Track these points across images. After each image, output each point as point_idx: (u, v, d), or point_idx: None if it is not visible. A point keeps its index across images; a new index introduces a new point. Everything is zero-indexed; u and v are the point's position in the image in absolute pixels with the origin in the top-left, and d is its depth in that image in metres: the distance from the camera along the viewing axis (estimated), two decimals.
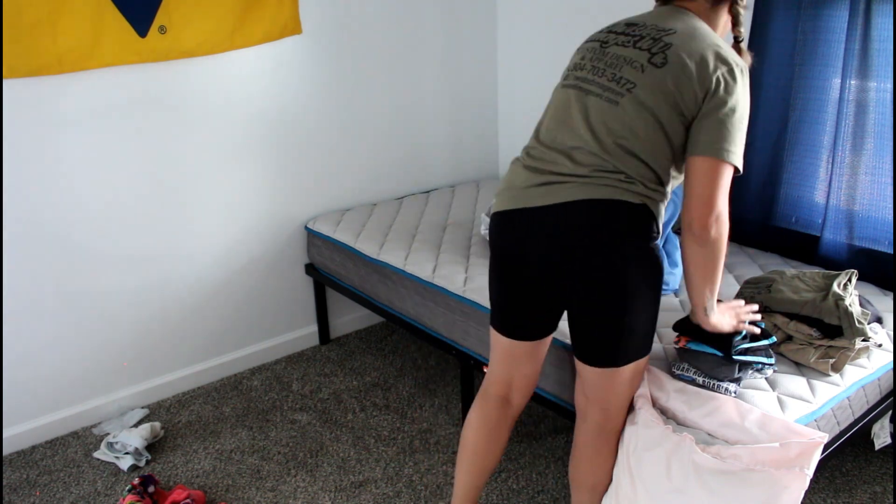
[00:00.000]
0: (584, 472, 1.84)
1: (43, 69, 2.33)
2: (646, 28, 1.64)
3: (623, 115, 1.57)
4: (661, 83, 1.55)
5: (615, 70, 1.61)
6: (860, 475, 2.35)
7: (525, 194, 1.64)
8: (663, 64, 1.56)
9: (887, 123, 2.26)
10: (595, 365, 1.71)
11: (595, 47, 1.68)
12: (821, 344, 1.88)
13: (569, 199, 1.58)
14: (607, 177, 1.57)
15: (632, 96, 1.57)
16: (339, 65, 3.04)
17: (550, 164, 1.63)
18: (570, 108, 1.64)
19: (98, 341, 2.71)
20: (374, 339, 3.36)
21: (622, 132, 1.57)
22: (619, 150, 1.57)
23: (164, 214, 2.73)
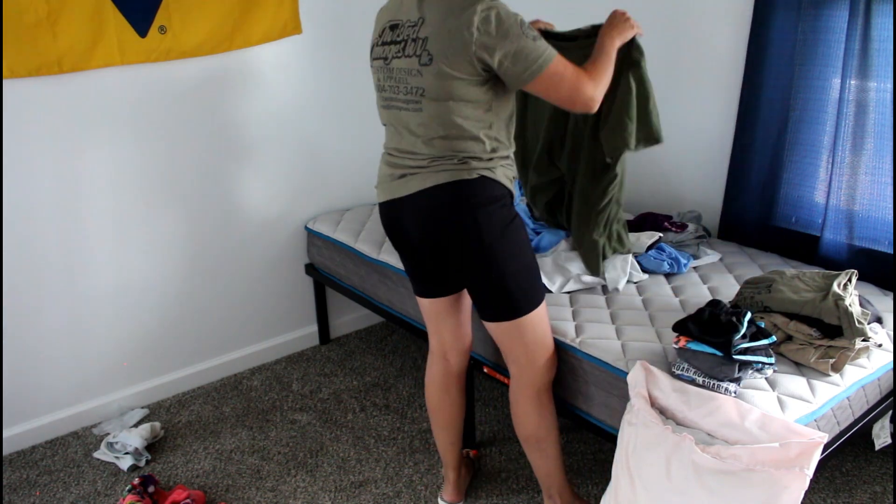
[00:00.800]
0: (516, 425, 2.08)
1: (43, 69, 2.33)
2: (404, 29, 1.81)
3: (429, 115, 1.79)
4: (438, 74, 1.74)
5: (404, 84, 1.83)
6: (860, 475, 2.35)
7: (391, 187, 1.91)
8: (430, 60, 1.75)
9: (887, 123, 2.26)
10: (488, 320, 1.95)
11: (382, 66, 1.88)
12: (821, 344, 1.88)
13: (420, 188, 1.84)
14: (444, 163, 1.81)
15: (428, 99, 1.78)
16: (339, 65, 3.04)
17: (401, 159, 1.89)
18: (396, 125, 1.89)
19: (98, 341, 2.72)
20: (374, 339, 3.36)
21: (436, 128, 1.79)
22: (443, 143, 1.80)
23: (164, 214, 2.73)
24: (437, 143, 1.81)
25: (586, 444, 2.55)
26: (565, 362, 2.06)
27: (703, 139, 2.83)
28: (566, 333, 2.08)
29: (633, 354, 1.95)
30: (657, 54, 2.88)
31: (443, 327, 2.12)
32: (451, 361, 2.16)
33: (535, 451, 2.08)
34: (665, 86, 2.90)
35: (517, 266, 1.87)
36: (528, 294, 1.91)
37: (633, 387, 1.81)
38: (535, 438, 2.05)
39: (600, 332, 2.08)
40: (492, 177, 1.82)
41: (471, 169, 1.81)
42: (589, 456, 2.49)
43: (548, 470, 2.10)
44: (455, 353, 2.15)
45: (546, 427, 2.03)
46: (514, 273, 1.86)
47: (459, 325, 2.13)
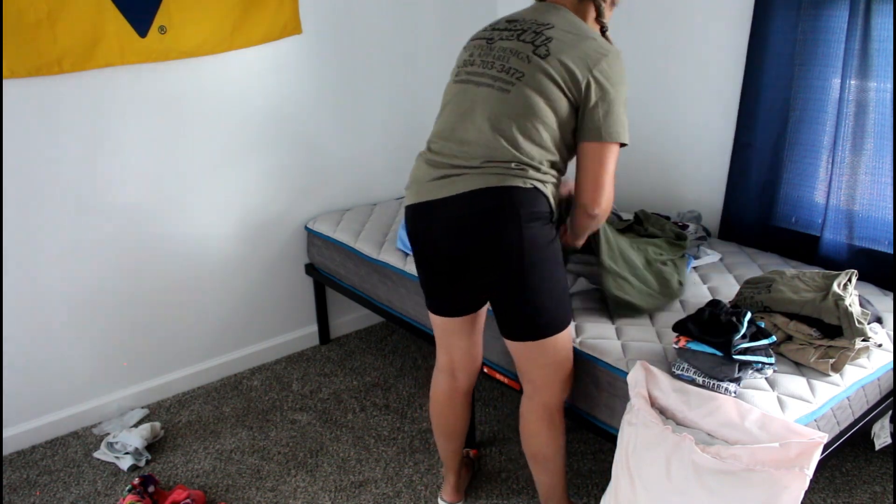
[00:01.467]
0: (524, 441, 2.02)
1: (43, 69, 2.33)
2: (526, 23, 1.77)
3: (515, 101, 1.70)
4: (547, 70, 1.69)
5: (503, 62, 1.74)
6: (860, 475, 2.35)
7: (427, 188, 1.78)
8: (546, 55, 1.70)
9: (887, 123, 2.26)
10: (510, 339, 1.87)
11: (482, 44, 1.81)
12: (821, 344, 1.88)
13: (464, 190, 1.71)
14: (498, 166, 1.70)
15: (522, 84, 1.70)
16: (339, 65, 3.04)
17: (448, 158, 1.76)
18: (464, 102, 1.77)
19: (98, 341, 2.72)
20: (374, 339, 3.36)
21: (514, 118, 1.71)
22: (510, 137, 1.71)
23: (164, 214, 2.73)
24: (502, 136, 1.70)
25: (586, 444, 2.55)
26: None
27: (703, 139, 2.83)
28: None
29: (633, 354, 1.95)
30: (657, 54, 2.89)
31: (454, 346, 2.04)
32: (460, 379, 2.09)
33: (540, 468, 2.04)
34: (665, 86, 2.91)
35: (552, 287, 1.78)
36: (558, 316, 1.83)
37: (633, 387, 1.81)
38: (542, 457, 2.00)
39: (600, 332, 2.08)
40: (543, 190, 1.73)
41: (526, 178, 1.70)
42: (589, 456, 2.49)
43: (551, 486, 2.06)
44: (464, 372, 2.08)
45: (555, 447, 1.99)
46: (547, 294, 1.78)
47: (472, 346, 2.05)
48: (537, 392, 1.94)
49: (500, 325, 1.87)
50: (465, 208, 1.72)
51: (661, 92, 2.92)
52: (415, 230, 1.85)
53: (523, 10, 1.84)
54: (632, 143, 3.06)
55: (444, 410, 2.13)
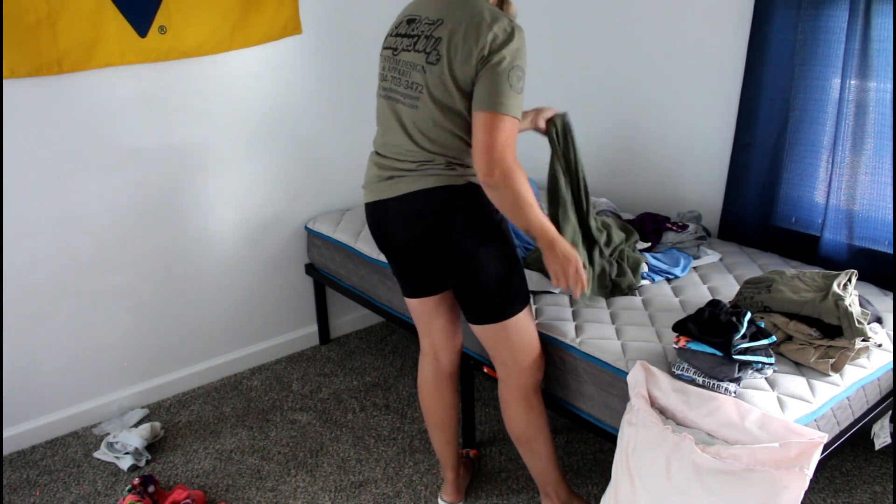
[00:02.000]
0: (508, 426, 2.09)
1: (43, 69, 2.33)
2: (420, 25, 1.83)
3: (424, 114, 1.80)
4: (441, 76, 1.75)
5: (407, 77, 1.83)
6: (860, 475, 2.35)
7: (378, 188, 1.93)
8: (437, 60, 1.76)
9: (887, 123, 2.26)
10: (473, 322, 1.97)
11: (389, 56, 1.90)
12: (820, 344, 1.88)
13: (407, 191, 1.85)
14: (432, 167, 1.83)
15: (424, 96, 1.79)
16: (339, 65, 3.04)
17: (390, 161, 1.89)
18: (389, 117, 1.90)
19: (98, 341, 2.72)
20: (374, 339, 3.36)
21: (430, 128, 1.80)
22: (433, 144, 1.81)
23: (164, 214, 2.73)
24: (427, 144, 1.82)
25: (586, 444, 2.55)
26: (565, 362, 2.06)
27: (703, 139, 2.83)
28: (566, 333, 2.08)
29: (633, 354, 1.95)
30: (658, 54, 2.89)
31: (433, 327, 2.12)
32: (443, 361, 2.16)
33: (526, 451, 2.11)
34: (666, 86, 2.90)
35: (502, 270, 1.88)
36: (513, 297, 1.93)
37: (633, 387, 1.81)
38: (525, 438, 2.07)
39: (600, 332, 2.08)
40: (478, 182, 1.81)
41: (458, 175, 1.83)
42: (589, 456, 2.49)
43: (541, 468, 2.11)
44: (446, 353, 2.16)
45: (535, 427, 2.05)
46: (498, 277, 1.88)
47: (449, 324, 2.13)
48: (510, 375, 2.02)
49: (464, 312, 1.99)
50: (410, 205, 1.86)
51: (662, 92, 2.92)
52: (374, 225, 2.00)
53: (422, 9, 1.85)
54: (632, 143, 3.07)
55: (432, 395, 2.19)
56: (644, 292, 2.33)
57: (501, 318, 1.92)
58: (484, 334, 1.98)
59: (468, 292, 1.92)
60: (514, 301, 1.93)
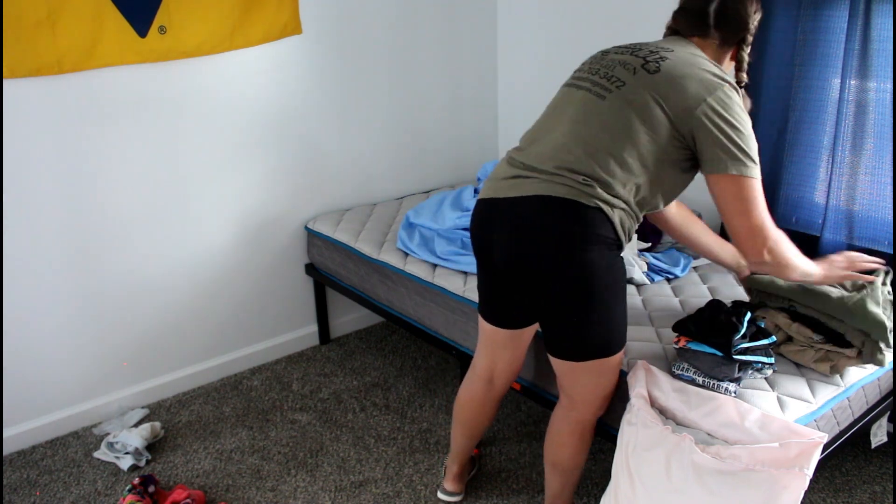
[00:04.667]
0: (548, 448, 1.99)
1: (43, 69, 2.33)
2: (648, 45, 1.73)
3: (607, 109, 1.63)
4: (651, 85, 1.61)
5: (609, 70, 1.68)
6: (860, 475, 2.35)
7: (499, 185, 1.72)
8: (656, 71, 1.62)
9: (887, 123, 2.26)
10: (557, 357, 1.81)
11: (597, 55, 1.78)
12: (821, 347, 1.88)
13: (528, 194, 1.64)
14: (568, 176, 1.62)
15: (619, 93, 1.62)
16: (339, 65, 3.04)
17: (526, 158, 1.70)
18: (559, 103, 1.75)
19: (98, 341, 2.72)
20: (374, 339, 3.36)
21: (601, 127, 1.63)
22: (590, 146, 1.62)
23: (164, 214, 2.73)
24: (582, 144, 1.62)
25: None
26: None
27: None
28: None
29: (633, 354, 1.95)
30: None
31: (498, 355, 1.99)
32: (497, 386, 2.05)
33: (556, 476, 2.01)
34: None
35: (604, 314, 1.70)
36: (606, 343, 1.76)
37: (633, 387, 1.81)
38: (562, 468, 1.98)
39: None
40: (608, 213, 1.62)
41: (591, 195, 1.60)
42: (589, 456, 2.49)
43: (561, 492, 2.04)
44: (503, 379, 2.04)
45: (578, 461, 1.96)
46: (598, 321, 1.70)
47: (519, 357, 2.00)
48: (574, 407, 1.88)
49: (546, 342, 1.82)
50: (525, 212, 1.65)
51: None
52: (478, 227, 1.79)
53: (656, 40, 1.78)
54: None
55: (475, 413, 2.10)
56: (644, 292, 2.33)
57: (582, 359, 1.75)
58: (562, 366, 1.81)
59: (563, 328, 1.72)
60: (611, 346, 1.76)
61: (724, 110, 1.58)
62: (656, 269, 2.42)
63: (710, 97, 1.58)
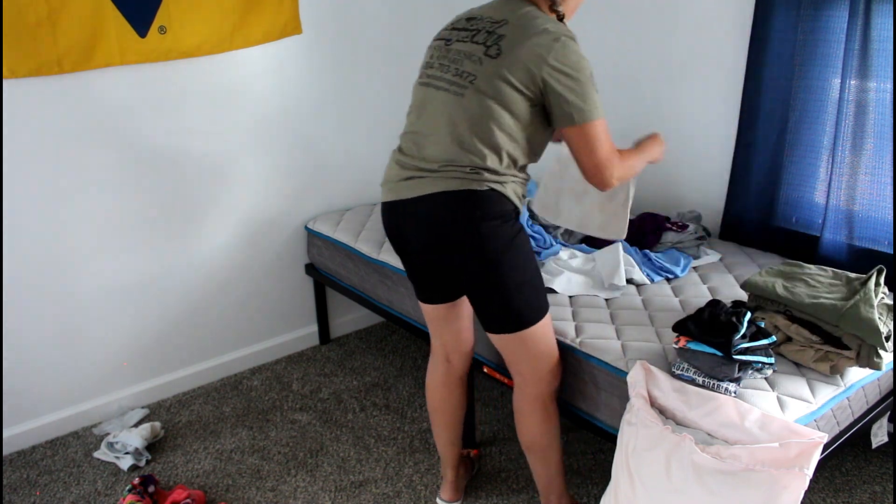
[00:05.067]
0: (519, 433, 2.06)
1: (43, 69, 2.33)
2: (482, 21, 1.80)
3: (468, 105, 1.74)
4: (498, 70, 1.70)
5: (458, 65, 1.77)
6: (860, 475, 2.35)
7: (397, 188, 1.86)
8: (498, 55, 1.71)
9: (887, 123, 2.26)
10: (491, 332, 1.92)
11: (441, 45, 1.85)
12: (820, 348, 1.88)
13: (425, 193, 1.78)
14: (455, 170, 1.75)
15: (474, 87, 1.73)
16: (339, 65, 3.04)
17: (413, 160, 1.83)
18: (424, 104, 1.84)
19: (98, 341, 2.72)
20: (374, 339, 3.36)
21: (468, 122, 1.74)
22: (464, 141, 1.74)
23: (163, 214, 2.73)
24: (457, 139, 1.75)
25: (586, 444, 2.55)
26: (566, 362, 2.06)
27: (704, 139, 2.83)
28: (566, 333, 2.08)
29: (633, 354, 1.95)
30: (659, 55, 2.89)
31: (445, 331, 2.10)
32: (454, 364, 2.15)
33: (537, 459, 2.07)
34: (666, 86, 2.90)
35: (521, 280, 1.83)
36: (532, 307, 1.87)
37: (633, 387, 1.81)
38: (538, 446, 2.04)
39: (600, 332, 2.08)
40: (501, 191, 1.77)
41: (481, 180, 1.75)
42: (589, 456, 2.49)
43: (548, 477, 2.09)
44: (458, 355, 2.14)
45: (550, 435, 2.02)
46: (517, 287, 1.82)
47: (462, 329, 2.11)
48: (527, 383, 1.98)
49: (481, 321, 1.94)
50: (427, 209, 1.79)
51: (663, 92, 2.92)
52: (389, 226, 1.94)
53: (484, 6, 1.86)
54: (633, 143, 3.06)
55: (442, 396, 2.18)
56: (644, 292, 2.33)
57: (520, 327, 1.87)
58: (501, 343, 1.93)
59: (486, 302, 1.87)
60: (535, 310, 1.88)
61: (563, 65, 1.68)
62: (656, 270, 2.43)
63: (549, 57, 1.68)
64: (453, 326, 2.09)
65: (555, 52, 1.68)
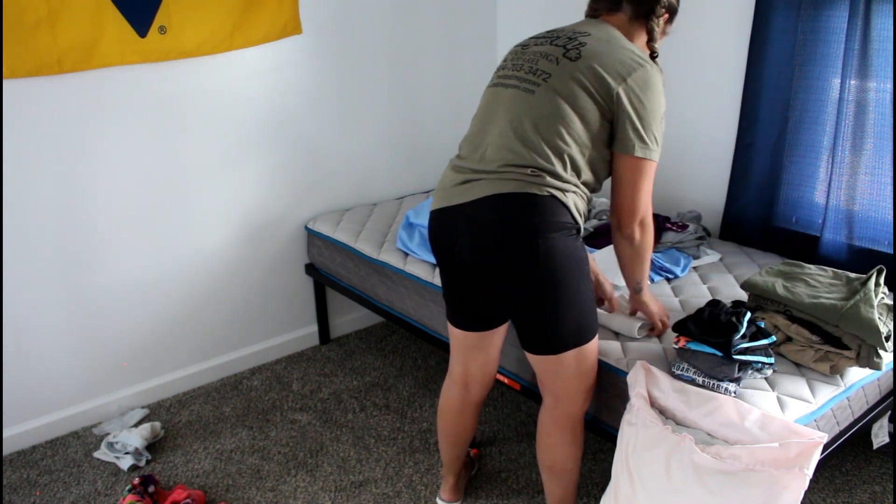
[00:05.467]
0: (541, 453, 1.98)
1: (43, 69, 2.33)
2: (565, 31, 1.78)
3: (538, 102, 1.67)
4: (575, 73, 1.66)
5: (532, 64, 1.72)
6: (860, 475, 2.35)
7: (450, 193, 1.75)
8: (577, 58, 1.67)
9: (887, 123, 2.26)
10: (532, 352, 1.82)
11: (517, 50, 1.81)
12: (820, 348, 1.88)
13: (480, 196, 1.67)
14: (514, 171, 1.66)
15: (547, 85, 1.67)
16: (339, 65, 3.04)
17: (471, 162, 1.74)
18: (490, 104, 1.77)
19: (98, 341, 2.72)
20: (374, 339, 3.36)
21: (536, 120, 1.67)
22: (530, 140, 1.67)
23: (164, 214, 2.73)
24: (521, 138, 1.66)
25: (586, 445, 2.54)
26: None
27: (704, 139, 2.83)
28: None
29: (633, 354, 1.95)
30: (659, 55, 2.89)
31: (471, 360, 1.99)
32: (472, 392, 2.05)
33: (555, 481, 1.99)
34: (667, 86, 2.90)
35: (573, 299, 1.71)
36: (580, 329, 1.77)
37: (633, 387, 1.81)
38: (559, 469, 1.96)
39: (600, 332, 2.08)
40: (562, 199, 1.66)
41: (542, 185, 1.64)
42: (589, 456, 2.49)
43: (562, 497, 2.02)
44: (478, 384, 2.04)
45: (574, 459, 1.95)
46: (568, 307, 1.71)
47: (490, 361, 2.00)
48: (559, 403, 1.88)
49: (521, 338, 1.82)
50: (482, 213, 1.67)
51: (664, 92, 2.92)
52: (437, 236, 1.82)
53: (570, 24, 1.83)
54: None
55: (454, 420, 2.10)
56: None
57: (564, 349, 1.76)
58: (541, 364, 1.81)
59: (534, 321, 1.74)
60: (584, 333, 1.77)
61: (642, 92, 1.66)
62: (656, 269, 2.43)
63: (630, 78, 1.65)
64: (481, 357, 1.98)
65: (636, 74, 1.65)
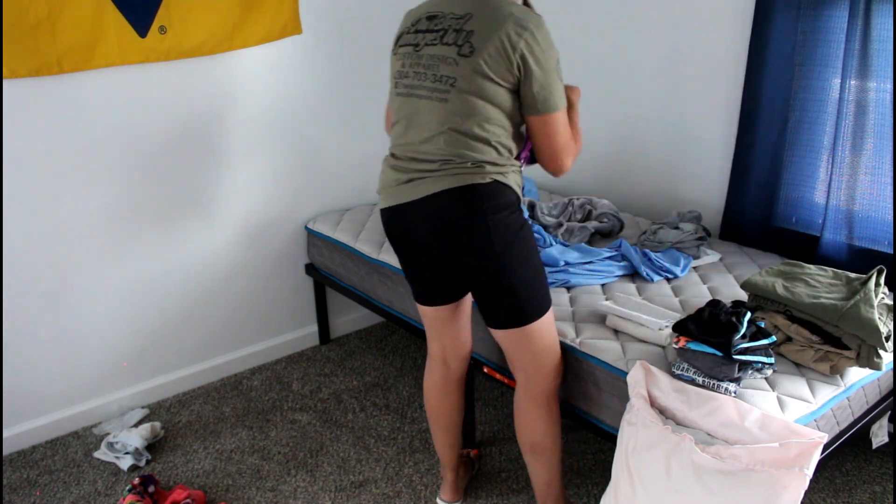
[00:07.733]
0: (521, 433, 2.04)
1: (43, 69, 2.33)
2: (445, 19, 1.80)
3: (455, 107, 1.75)
4: (476, 67, 1.72)
5: (434, 70, 1.79)
6: (860, 475, 2.35)
7: (397, 192, 1.85)
8: (471, 52, 1.73)
9: (887, 123, 2.26)
10: (495, 328, 1.93)
11: (410, 52, 1.85)
12: (820, 348, 1.88)
13: (428, 193, 1.79)
14: (455, 167, 1.77)
15: (456, 90, 1.75)
16: (339, 65, 3.04)
17: (409, 162, 1.83)
18: (411, 113, 1.83)
19: (98, 341, 2.72)
20: (374, 339, 3.36)
21: (459, 122, 1.75)
22: (459, 141, 1.76)
23: (163, 214, 2.73)
24: (452, 140, 1.76)
25: (586, 444, 2.55)
26: (566, 363, 2.06)
27: (704, 139, 2.83)
28: (566, 333, 2.08)
29: (633, 354, 1.95)
30: (659, 55, 2.89)
31: (444, 334, 2.10)
32: (452, 366, 2.15)
33: (537, 460, 2.05)
34: (667, 86, 2.91)
35: (526, 273, 1.84)
36: (537, 301, 1.88)
37: (633, 387, 1.82)
38: (540, 447, 2.02)
39: (600, 332, 2.08)
40: (504, 181, 1.79)
41: (484, 173, 1.76)
42: (589, 456, 2.49)
43: (548, 479, 2.07)
44: (455, 358, 2.14)
45: (552, 435, 2.01)
46: (523, 280, 1.83)
47: (460, 332, 2.11)
48: (530, 381, 1.97)
49: (483, 315, 1.94)
50: (434, 207, 1.79)
51: (663, 92, 2.92)
52: (393, 230, 1.93)
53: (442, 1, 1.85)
54: (634, 143, 3.07)
55: (439, 399, 2.17)
56: (644, 292, 2.33)
57: (524, 322, 1.87)
58: (505, 339, 1.93)
59: (491, 297, 1.87)
60: (539, 305, 1.88)
61: (533, 52, 1.72)
62: (656, 269, 2.43)
63: (521, 42, 1.71)
64: (452, 329, 2.09)
65: (526, 35, 1.71)
